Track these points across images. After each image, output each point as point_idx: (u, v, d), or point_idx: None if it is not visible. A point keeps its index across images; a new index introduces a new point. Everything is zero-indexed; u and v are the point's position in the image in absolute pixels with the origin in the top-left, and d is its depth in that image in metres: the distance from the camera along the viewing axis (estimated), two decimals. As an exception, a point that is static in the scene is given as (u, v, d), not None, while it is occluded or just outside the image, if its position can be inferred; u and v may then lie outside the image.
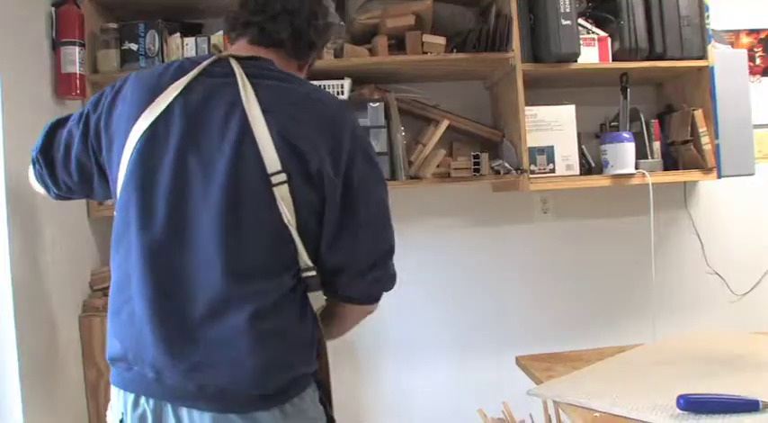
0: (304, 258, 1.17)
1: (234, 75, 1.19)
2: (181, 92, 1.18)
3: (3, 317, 1.60)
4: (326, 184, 1.16)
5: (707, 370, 1.46)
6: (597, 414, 1.27)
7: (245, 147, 1.13)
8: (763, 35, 2.65)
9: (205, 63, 1.22)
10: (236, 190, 1.12)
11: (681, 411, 1.20)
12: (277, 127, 1.14)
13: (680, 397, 1.21)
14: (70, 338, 1.92)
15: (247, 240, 1.13)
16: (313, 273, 1.20)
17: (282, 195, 1.12)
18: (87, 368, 1.95)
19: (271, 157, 1.12)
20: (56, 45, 1.95)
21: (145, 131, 1.17)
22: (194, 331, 1.11)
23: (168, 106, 1.18)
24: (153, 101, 1.18)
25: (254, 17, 1.27)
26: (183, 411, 1.12)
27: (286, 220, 1.13)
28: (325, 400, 1.27)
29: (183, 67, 1.23)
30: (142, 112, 1.18)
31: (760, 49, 2.65)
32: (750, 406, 1.19)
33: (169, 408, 1.12)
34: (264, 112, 1.15)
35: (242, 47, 1.28)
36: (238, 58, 1.23)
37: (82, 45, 1.98)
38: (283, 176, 1.12)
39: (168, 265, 1.13)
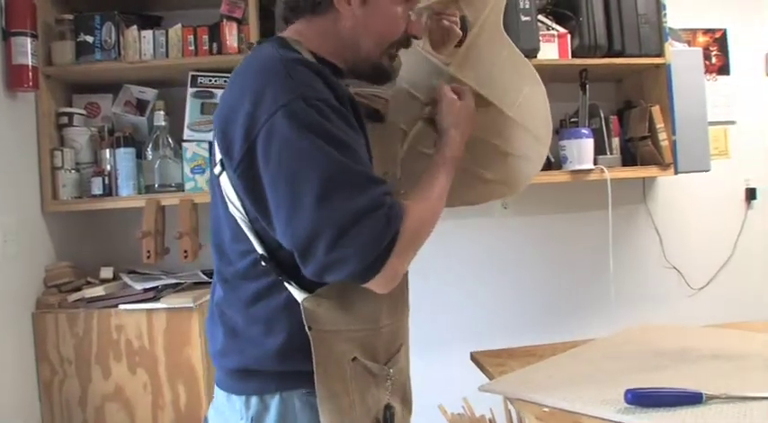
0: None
1: None
2: None
3: (-51, 314, 1.57)
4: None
5: (655, 364, 1.48)
6: (546, 409, 1.28)
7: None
8: (718, 35, 2.70)
9: None
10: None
11: (628, 405, 1.21)
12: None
13: (628, 391, 1.22)
14: (23, 336, 1.88)
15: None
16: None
17: (224, 185, 1.09)
18: (40, 366, 1.91)
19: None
20: (6, 35, 1.90)
21: None
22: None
23: None
24: None
25: None
26: None
27: (232, 209, 1.09)
28: None
29: None
30: None
31: (715, 48, 2.69)
32: (694, 399, 1.21)
33: None
34: None
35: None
36: None
37: (34, 36, 1.94)
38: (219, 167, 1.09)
39: None
